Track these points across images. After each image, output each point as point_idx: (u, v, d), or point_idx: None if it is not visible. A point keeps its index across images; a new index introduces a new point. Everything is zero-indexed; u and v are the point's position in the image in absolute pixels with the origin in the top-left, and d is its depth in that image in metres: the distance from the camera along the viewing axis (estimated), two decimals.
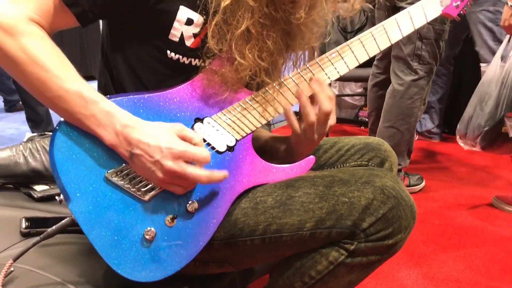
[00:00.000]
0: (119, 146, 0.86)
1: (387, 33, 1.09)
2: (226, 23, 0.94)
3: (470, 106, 2.16)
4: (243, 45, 0.95)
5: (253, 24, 0.93)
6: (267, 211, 0.94)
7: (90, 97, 0.86)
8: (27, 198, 1.29)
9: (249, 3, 0.91)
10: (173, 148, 0.85)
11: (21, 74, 0.86)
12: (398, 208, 0.90)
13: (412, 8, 1.11)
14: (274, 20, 0.96)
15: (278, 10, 0.95)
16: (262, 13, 0.93)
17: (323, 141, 1.26)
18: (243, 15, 0.92)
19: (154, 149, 0.84)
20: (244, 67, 0.96)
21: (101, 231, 0.84)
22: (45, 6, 0.90)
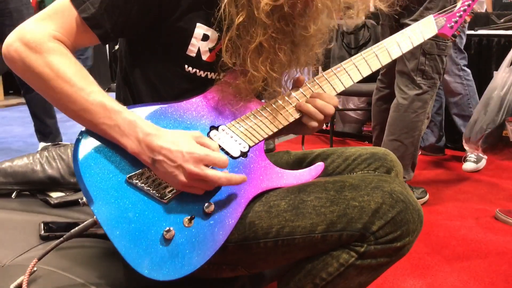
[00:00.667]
0: (142, 153, 0.91)
1: (388, 50, 1.18)
2: (239, 38, 0.99)
3: (476, 111, 2.20)
4: (256, 59, 1.00)
5: (266, 38, 0.98)
6: (280, 214, 0.98)
7: (113, 108, 0.92)
8: (44, 204, 1.33)
9: (263, 19, 0.96)
10: (195, 152, 0.90)
11: (48, 89, 0.92)
12: (406, 212, 0.94)
13: (410, 28, 1.21)
14: (285, 34, 1.01)
15: (288, 24, 1.00)
16: (275, 28, 0.98)
17: (330, 151, 1.30)
18: (256, 30, 0.97)
19: (176, 154, 0.89)
20: (257, 78, 1.01)
21: (122, 231, 0.88)
22: (68, 26, 0.95)
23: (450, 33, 1.27)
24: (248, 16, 0.96)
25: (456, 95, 3.21)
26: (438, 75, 2.39)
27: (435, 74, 2.38)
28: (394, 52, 1.18)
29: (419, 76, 2.38)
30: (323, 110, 1.09)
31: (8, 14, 2.72)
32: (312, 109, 1.09)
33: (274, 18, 0.97)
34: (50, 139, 3.02)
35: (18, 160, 1.38)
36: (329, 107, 1.10)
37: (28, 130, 3.36)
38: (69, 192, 1.37)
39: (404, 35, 1.20)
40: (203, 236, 0.93)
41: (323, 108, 1.09)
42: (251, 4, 0.95)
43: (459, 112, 3.25)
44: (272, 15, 0.96)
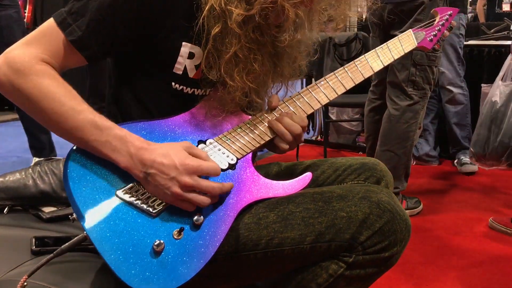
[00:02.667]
0: (134, 168, 0.92)
1: (370, 63, 1.21)
2: (216, 49, 1.01)
3: (483, 127, 2.20)
4: (231, 69, 1.02)
5: (240, 48, 1.00)
6: (269, 226, 0.98)
7: (104, 124, 0.93)
8: (36, 219, 1.33)
9: (235, 30, 0.98)
10: (188, 164, 0.91)
11: (38, 110, 0.93)
12: (394, 222, 0.95)
13: (391, 42, 1.25)
14: (261, 44, 1.03)
15: (263, 35, 1.02)
16: (248, 39, 1.00)
17: (320, 162, 1.31)
18: (230, 41, 0.99)
19: (168, 167, 0.90)
20: (234, 88, 1.03)
21: (112, 245, 0.88)
22: (55, 48, 0.97)
23: (430, 45, 1.32)
24: (222, 27, 0.99)
25: (458, 105, 3.29)
26: (429, 86, 2.41)
27: (426, 85, 2.40)
28: (375, 66, 1.21)
29: (410, 86, 2.41)
30: (290, 129, 1.09)
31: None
32: (281, 128, 1.09)
33: (248, 29, 0.99)
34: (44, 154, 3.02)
35: (10, 175, 1.39)
36: (296, 126, 1.10)
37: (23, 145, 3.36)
38: (61, 207, 1.37)
39: (385, 49, 1.24)
40: (193, 248, 0.93)
41: (290, 127, 1.09)
42: (225, 15, 0.98)
43: (459, 121, 3.32)
44: (245, 25, 0.98)
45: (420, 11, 2.32)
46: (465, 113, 3.30)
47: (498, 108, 2.16)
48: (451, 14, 1.35)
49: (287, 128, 1.09)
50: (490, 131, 2.16)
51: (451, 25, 1.35)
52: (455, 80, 3.26)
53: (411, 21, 2.34)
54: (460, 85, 3.27)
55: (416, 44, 1.29)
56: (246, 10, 0.97)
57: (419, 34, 1.30)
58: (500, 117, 2.15)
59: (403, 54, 1.25)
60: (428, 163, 3.55)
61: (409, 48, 1.27)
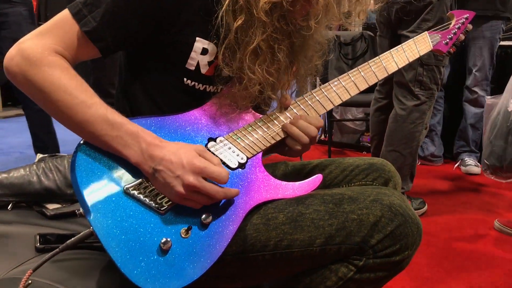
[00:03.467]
0: (144, 163, 0.91)
1: (384, 65, 1.20)
2: (237, 42, 0.99)
3: (497, 138, 2.17)
4: (253, 61, 1.00)
5: (264, 39, 0.98)
6: (278, 227, 0.97)
7: (115, 119, 0.92)
8: (40, 216, 1.31)
9: (262, 18, 0.96)
10: (194, 164, 0.89)
11: (49, 102, 0.92)
12: (405, 225, 0.94)
13: (406, 44, 1.23)
14: (285, 34, 1.01)
15: (289, 24, 1.00)
16: (274, 28, 0.98)
17: (328, 162, 1.29)
18: (255, 31, 0.97)
19: (176, 165, 0.89)
20: (254, 82, 1.01)
21: (119, 242, 0.87)
22: (69, 39, 0.96)
23: (445, 49, 1.31)
24: (247, 18, 0.97)
25: (480, 107, 3.29)
26: (436, 86, 2.39)
27: (433, 85, 2.38)
28: (390, 67, 1.20)
29: (417, 86, 2.39)
30: (306, 131, 1.08)
31: (7, 27, 2.73)
32: (296, 131, 1.08)
33: (274, 17, 0.97)
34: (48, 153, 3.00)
35: (14, 172, 1.37)
36: (312, 128, 1.09)
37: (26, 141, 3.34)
38: (65, 204, 1.36)
39: (400, 51, 1.23)
40: (201, 248, 0.92)
41: (305, 129, 1.08)
42: (250, 5, 0.96)
43: (475, 123, 3.33)
44: (272, 14, 0.96)
45: (428, 10, 2.29)
46: (482, 116, 3.26)
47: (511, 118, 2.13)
48: (468, 18, 1.33)
49: (303, 131, 1.07)
50: (507, 142, 2.12)
51: (467, 28, 1.33)
52: (483, 83, 3.25)
53: (418, 21, 2.32)
54: (485, 89, 3.27)
55: (431, 47, 1.28)
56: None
57: (434, 37, 1.29)
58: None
59: (418, 56, 1.24)
60: (433, 163, 3.55)
61: (424, 51, 1.26)
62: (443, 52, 1.30)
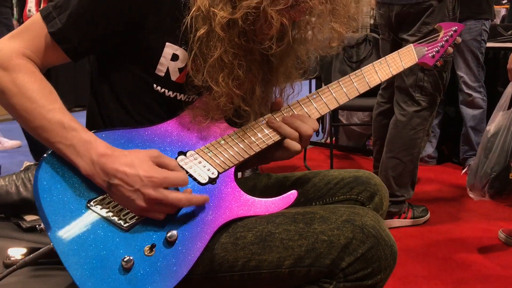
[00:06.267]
0: (96, 176, 0.87)
1: (366, 78, 1.16)
2: (201, 53, 0.97)
3: (477, 156, 2.15)
4: (216, 73, 0.97)
5: (225, 53, 0.95)
6: (246, 247, 0.93)
7: (71, 126, 0.89)
8: (16, 228, 1.29)
9: (219, 33, 0.93)
10: (153, 176, 0.86)
11: (10, 105, 0.91)
12: (378, 248, 0.89)
13: (390, 56, 1.20)
14: (247, 51, 0.98)
15: (249, 42, 0.97)
16: (233, 44, 0.95)
17: (312, 174, 1.25)
18: (215, 44, 0.95)
19: (132, 178, 0.85)
20: (219, 94, 0.98)
21: (78, 259, 0.84)
22: (37, 42, 0.95)
23: (432, 62, 1.27)
24: (208, 29, 0.95)
25: (477, 109, 3.26)
26: (438, 92, 2.32)
27: (435, 91, 2.31)
28: (372, 80, 1.16)
29: (418, 92, 2.32)
30: (299, 129, 1.05)
31: None
32: (288, 129, 1.05)
33: (232, 33, 0.94)
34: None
35: None
36: (306, 126, 1.05)
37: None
38: None
39: (383, 63, 1.19)
40: (165, 267, 0.88)
41: (298, 127, 1.05)
42: (210, 17, 0.94)
43: (475, 125, 3.28)
44: (229, 29, 0.94)
45: (428, 13, 2.22)
46: (482, 118, 3.26)
47: (488, 138, 2.09)
48: (456, 30, 1.28)
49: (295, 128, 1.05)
50: (480, 161, 2.09)
51: (456, 41, 1.29)
52: (474, 85, 3.22)
53: (419, 24, 2.25)
54: (479, 91, 3.24)
55: (416, 60, 1.23)
56: (231, 13, 0.93)
57: (420, 50, 1.24)
58: (490, 146, 2.08)
59: (402, 70, 1.20)
60: (428, 164, 3.55)
61: (409, 64, 1.22)
62: (429, 65, 1.26)
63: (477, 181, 2.10)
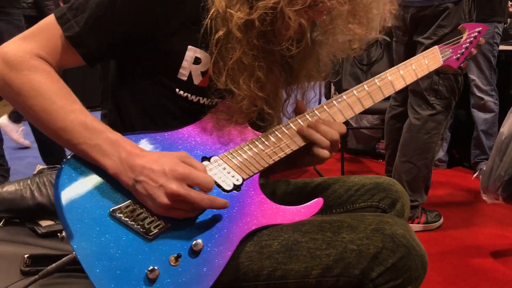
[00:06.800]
0: (123, 174, 0.86)
1: (391, 81, 1.13)
2: (221, 55, 0.95)
3: (490, 159, 2.12)
4: (237, 75, 0.95)
5: (244, 54, 0.93)
6: (272, 256, 0.91)
7: (95, 127, 0.88)
8: (31, 234, 1.27)
9: (236, 34, 0.91)
10: (177, 170, 0.84)
11: (27, 107, 0.88)
12: (409, 258, 0.87)
13: (415, 59, 1.17)
14: (267, 52, 0.96)
15: (268, 43, 0.95)
16: (252, 45, 0.94)
17: (332, 180, 1.23)
18: (233, 46, 0.93)
19: (158, 173, 0.84)
20: (241, 97, 0.96)
21: (102, 269, 0.82)
22: (52, 44, 0.92)
23: (456, 64, 1.25)
24: (226, 31, 0.93)
25: (489, 112, 3.25)
26: (453, 95, 2.29)
27: (450, 94, 2.29)
28: (397, 84, 1.14)
29: (433, 95, 2.30)
30: (326, 135, 1.02)
31: None
32: (316, 135, 1.02)
33: (251, 35, 0.93)
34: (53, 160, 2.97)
35: (8, 186, 1.33)
36: (332, 132, 1.02)
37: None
38: (58, 221, 1.31)
39: (408, 66, 1.16)
40: (190, 277, 0.86)
41: (325, 133, 1.02)
42: (227, 18, 0.92)
43: (487, 129, 3.27)
44: (247, 31, 0.92)
45: (444, 16, 2.20)
46: (493, 121, 3.25)
47: (502, 140, 2.06)
48: (480, 31, 1.26)
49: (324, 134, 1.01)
50: (494, 163, 2.06)
51: (479, 42, 1.26)
52: (486, 88, 3.21)
53: (434, 27, 2.23)
54: (491, 94, 3.22)
55: (441, 63, 1.21)
56: (247, 14, 0.91)
57: (445, 52, 1.22)
58: (504, 149, 2.05)
59: (427, 72, 1.18)
60: (438, 168, 3.52)
61: (434, 67, 1.19)
62: (454, 68, 1.23)
63: (491, 184, 2.07)
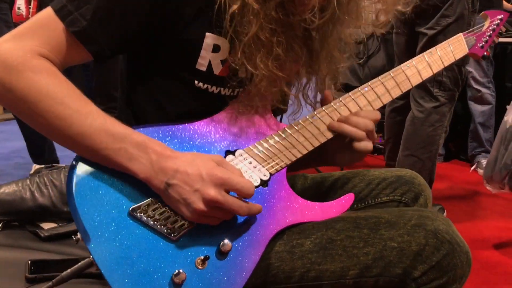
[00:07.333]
0: (154, 178, 0.78)
1: (418, 70, 1.08)
2: (235, 32, 0.86)
3: (494, 148, 2.10)
4: (253, 53, 0.86)
5: (261, 29, 0.84)
6: (304, 256, 0.85)
7: (117, 130, 0.79)
8: (33, 237, 1.20)
9: (253, 6, 0.82)
10: (216, 174, 0.77)
11: (36, 114, 0.78)
12: (453, 255, 0.82)
13: (440, 47, 1.12)
14: (286, 26, 0.87)
15: (289, 15, 0.86)
16: (270, 18, 0.84)
17: (351, 174, 1.17)
18: (249, 20, 0.84)
19: (193, 177, 0.77)
20: (259, 78, 0.88)
21: (124, 274, 0.76)
22: (55, 41, 0.81)
23: (481, 53, 1.19)
24: (241, 4, 0.83)
25: (486, 105, 3.25)
26: (457, 87, 2.26)
27: (454, 86, 2.25)
28: (424, 73, 1.08)
29: (436, 87, 2.26)
30: (359, 125, 0.95)
31: None
32: (348, 128, 0.95)
33: (269, 6, 0.83)
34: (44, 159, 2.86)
35: (5, 187, 1.25)
36: (366, 121, 0.96)
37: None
38: (62, 223, 1.24)
39: (434, 54, 1.10)
40: (219, 280, 0.80)
41: (358, 124, 0.95)
42: None
43: (484, 121, 3.27)
44: (265, 2, 0.83)
45: (447, 6, 2.17)
46: (490, 114, 3.25)
47: (507, 128, 2.03)
48: (502, 19, 1.22)
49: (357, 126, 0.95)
50: (498, 152, 2.03)
51: (501, 30, 1.21)
52: (483, 80, 3.21)
53: (437, 17, 2.19)
54: (488, 86, 3.22)
55: (467, 51, 1.15)
56: None
57: (469, 40, 1.16)
58: (509, 138, 2.02)
59: (453, 61, 1.12)
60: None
61: (459, 55, 1.13)
62: (479, 56, 1.18)
63: (496, 173, 2.04)
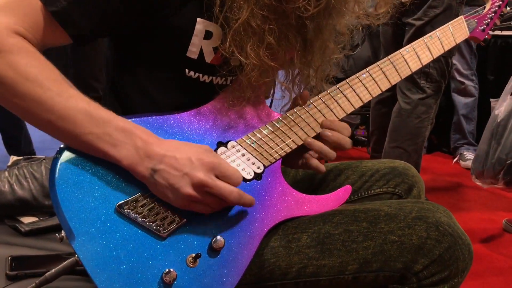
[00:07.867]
0: (140, 164, 0.74)
1: (417, 55, 1.05)
2: (226, 19, 0.81)
3: (483, 142, 2.09)
4: (244, 41, 0.81)
5: (252, 16, 0.79)
6: (301, 251, 0.82)
7: (101, 115, 0.74)
8: (13, 232, 1.14)
9: None
10: (205, 159, 0.74)
11: (12, 96, 0.72)
12: (455, 247, 0.80)
13: (441, 30, 1.10)
14: (279, 13, 0.82)
15: (282, 2, 0.81)
16: (262, 4, 0.79)
17: (343, 166, 1.14)
18: (239, 5, 0.79)
19: (182, 161, 0.73)
20: (250, 67, 0.83)
21: (111, 273, 0.71)
22: (32, 20, 0.75)
23: (482, 36, 1.18)
24: None
25: (469, 96, 3.28)
26: (443, 78, 2.25)
27: (440, 77, 2.25)
28: (424, 57, 1.05)
29: (423, 79, 2.25)
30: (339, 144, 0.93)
31: None
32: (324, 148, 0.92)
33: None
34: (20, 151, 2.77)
35: None
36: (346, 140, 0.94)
37: None
38: (43, 217, 1.18)
39: (434, 38, 1.08)
40: (211, 279, 0.77)
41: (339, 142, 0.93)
42: None
43: (467, 113, 3.29)
44: None
45: None
46: (473, 106, 3.27)
47: (499, 122, 2.03)
48: (503, 1, 1.19)
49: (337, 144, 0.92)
50: (490, 146, 2.03)
51: (503, 11, 1.19)
52: (467, 73, 3.23)
53: (425, 8, 2.17)
54: (471, 78, 3.25)
55: (468, 34, 1.14)
56: None
57: (470, 22, 1.14)
58: (501, 131, 2.02)
59: (454, 45, 1.10)
60: None
61: (460, 38, 1.12)
62: (480, 39, 1.16)
63: (488, 168, 2.04)
